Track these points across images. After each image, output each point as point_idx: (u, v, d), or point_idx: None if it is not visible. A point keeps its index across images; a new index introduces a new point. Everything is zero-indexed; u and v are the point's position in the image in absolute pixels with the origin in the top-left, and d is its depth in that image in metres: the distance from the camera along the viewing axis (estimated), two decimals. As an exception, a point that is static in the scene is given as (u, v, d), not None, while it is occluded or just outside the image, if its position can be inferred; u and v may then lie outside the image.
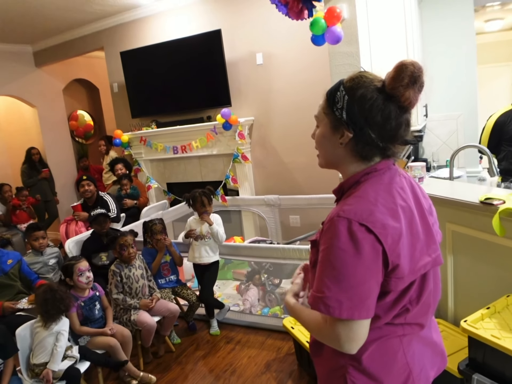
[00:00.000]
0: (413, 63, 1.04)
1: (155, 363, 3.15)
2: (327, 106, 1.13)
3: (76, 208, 4.31)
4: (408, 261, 1.04)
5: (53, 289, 2.54)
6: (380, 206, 1.03)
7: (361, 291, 1.00)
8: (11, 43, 6.41)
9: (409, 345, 1.13)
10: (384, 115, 1.05)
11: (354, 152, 1.11)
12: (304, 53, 4.37)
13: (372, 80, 1.08)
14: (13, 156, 7.29)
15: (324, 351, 1.19)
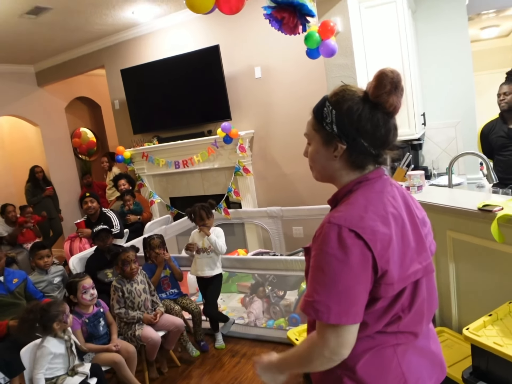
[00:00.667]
0: (392, 71, 1.09)
1: (161, 379, 3.15)
2: (316, 122, 1.16)
3: (79, 225, 4.34)
4: (398, 268, 1.05)
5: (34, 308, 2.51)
6: (370, 213, 1.06)
7: (349, 297, 1.01)
8: (13, 64, 6.51)
9: (404, 354, 1.13)
10: (373, 123, 1.09)
11: (349, 163, 1.14)
12: (301, 65, 4.42)
13: (355, 92, 1.12)
14: (17, 175, 7.36)
15: None
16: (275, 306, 3.66)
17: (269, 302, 3.72)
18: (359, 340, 1.09)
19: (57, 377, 2.48)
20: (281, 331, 3.39)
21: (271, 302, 3.70)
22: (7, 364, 2.42)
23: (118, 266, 3.15)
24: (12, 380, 2.45)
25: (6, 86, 6.49)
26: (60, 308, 2.56)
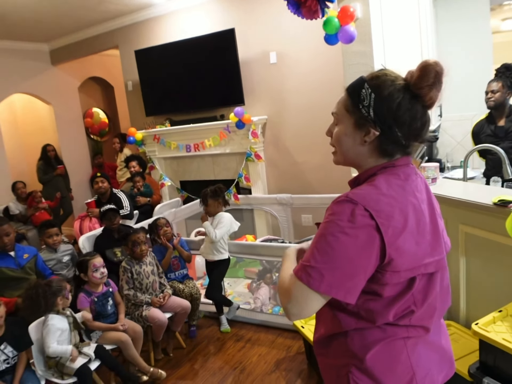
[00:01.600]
0: (437, 63, 1.05)
1: (166, 359, 3.18)
2: (351, 103, 1.12)
3: (90, 205, 4.37)
4: (407, 257, 1.04)
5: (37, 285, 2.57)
6: (389, 198, 1.04)
7: (345, 271, 0.99)
8: (27, 41, 6.50)
9: (414, 348, 1.12)
10: (411, 115, 1.07)
11: (378, 150, 1.12)
12: (318, 52, 4.36)
13: (396, 79, 1.09)
14: (29, 153, 7.40)
15: (328, 350, 1.19)
16: (281, 293, 3.66)
17: (275, 288, 3.73)
18: (370, 330, 1.10)
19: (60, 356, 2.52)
20: (287, 318, 3.39)
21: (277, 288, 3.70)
22: (16, 338, 2.45)
23: (128, 247, 3.17)
24: (20, 354, 2.47)
25: (20, 63, 6.50)
26: (62, 284, 2.62)
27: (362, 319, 1.09)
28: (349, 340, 1.11)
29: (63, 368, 2.48)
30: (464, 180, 3.11)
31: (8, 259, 3.10)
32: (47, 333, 2.48)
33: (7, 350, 2.42)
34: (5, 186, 6.23)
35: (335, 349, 1.15)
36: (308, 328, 2.78)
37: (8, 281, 3.05)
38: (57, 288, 2.56)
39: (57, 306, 2.56)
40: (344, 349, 1.13)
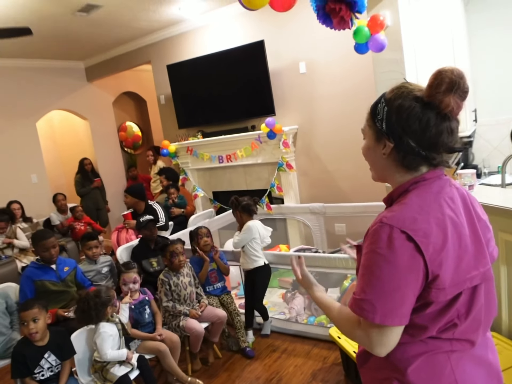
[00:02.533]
0: (453, 70, 1.03)
1: (203, 369, 3.21)
2: (370, 118, 1.16)
3: (126, 217, 4.47)
4: (451, 272, 1.02)
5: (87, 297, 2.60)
6: (424, 215, 1.03)
7: (396, 298, 1.01)
8: (65, 60, 6.77)
9: (458, 362, 1.09)
10: (422, 123, 1.05)
11: (397, 162, 1.12)
12: (347, 60, 4.36)
13: (412, 90, 1.09)
14: (67, 167, 7.65)
15: (370, 362, 1.18)
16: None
17: (310, 298, 3.71)
18: (412, 343, 1.08)
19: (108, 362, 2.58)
20: (322, 328, 3.38)
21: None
22: (59, 348, 2.53)
23: (166, 258, 3.23)
24: (64, 363, 2.55)
25: (58, 81, 6.77)
26: (111, 293, 2.68)
27: (405, 333, 1.08)
28: (391, 352, 1.10)
29: (107, 374, 2.54)
30: (502, 186, 3.04)
31: (50, 272, 3.18)
32: (101, 341, 2.54)
33: (50, 358, 2.50)
34: (46, 198, 6.49)
35: (377, 362, 1.15)
36: (344, 339, 2.75)
37: (49, 294, 3.12)
38: (107, 298, 2.61)
39: (107, 315, 2.63)
40: (385, 362, 1.12)
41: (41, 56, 6.34)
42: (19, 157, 6.28)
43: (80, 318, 2.62)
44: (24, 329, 2.46)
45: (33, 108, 6.50)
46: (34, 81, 6.47)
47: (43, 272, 3.16)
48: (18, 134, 6.28)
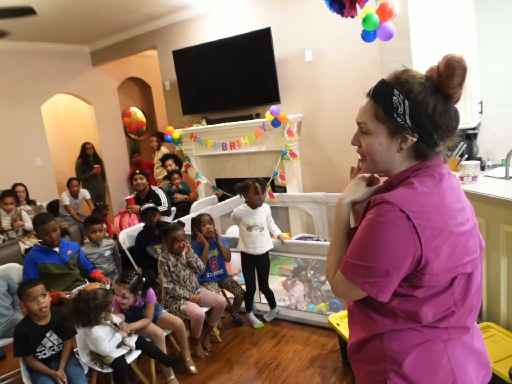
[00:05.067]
0: (460, 59, 1.02)
1: (204, 356, 3.23)
2: (383, 112, 1.07)
3: (129, 201, 4.50)
4: (445, 258, 1.02)
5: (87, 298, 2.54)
6: (427, 198, 1.03)
7: (380, 270, 1.02)
8: (70, 43, 6.74)
9: (454, 350, 1.09)
10: (447, 116, 1.05)
11: (413, 154, 1.10)
12: (354, 49, 4.33)
13: (421, 79, 1.06)
14: (71, 151, 7.67)
15: (363, 353, 1.17)
16: (316, 291, 3.68)
17: (310, 286, 3.74)
18: (408, 333, 1.08)
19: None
20: (321, 315, 3.40)
21: (312, 286, 3.72)
22: (60, 327, 2.57)
23: (166, 242, 3.25)
24: (65, 342, 2.60)
25: (63, 65, 6.75)
26: (109, 298, 2.61)
27: (399, 319, 1.08)
28: (386, 343, 1.10)
29: (103, 359, 2.57)
30: (506, 179, 3.04)
31: (53, 255, 3.21)
32: (97, 344, 2.52)
33: (52, 337, 2.55)
34: (49, 181, 6.53)
35: (371, 353, 1.13)
36: (343, 326, 2.78)
37: (52, 276, 3.15)
38: (105, 304, 2.57)
39: (101, 319, 2.58)
40: (381, 353, 1.11)
41: (47, 40, 6.31)
42: (24, 140, 6.29)
43: (77, 319, 2.51)
44: (33, 305, 2.49)
45: (38, 92, 6.49)
46: (39, 64, 6.46)
47: (46, 255, 3.19)
48: (22, 117, 6.28)
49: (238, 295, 3.52)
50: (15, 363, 2.71)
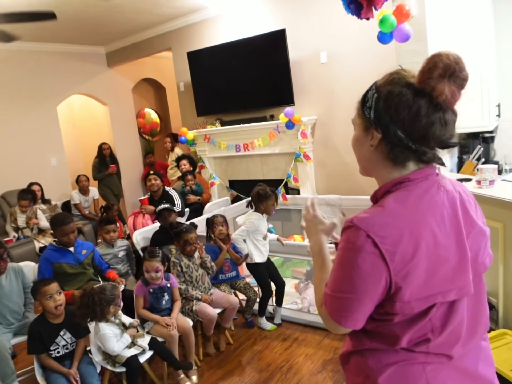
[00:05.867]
0: (449, 55, 0.93)
1: (214, 355, 3.23)
2: (359, 106, 1.08)
3: (143, 202, 4.52)
4: (419, 285, 0.95)
5: (92, 293, 2.56)
6: (398, 221, 0.96)
7: (352, 301, 0.98)
8: (86, 45, 6.82)
9: (437, 374, 1.02)
10: (412, 112, 0.96)
11: (386, 156, 1.03)
12: (369, 51, 4.30)
13: (405, 76, 1.00)
14: (85, 151, 7.75)
15: (350, 364, 1.15)
16: (329, 294, 3.64)
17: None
18: (385, 352, 1.05)
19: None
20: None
21: (325, 289, 3.68)
22: (74, 326, 2.58)
23: (179, 244, 3.25)
24: (78, 341, 2.62)
25: (79, 66, 6.82)
26: (116, 292, 2.64)
27: (374, 340, 1.05)
28: (364, 359, 1.07)
29: (116, 358, 2.58)
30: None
31: (68, 255, 3.22)
32: (105, 342, 2.54)
33: (66, 336, 2.56)
34: (65, 181, 6.60)
35: (355, 365, 1.12)
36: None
37: (67, 276, 3.17)
38: (111, 297, 2.59)
39: (109, 314, 2.60)
40: (361, 368, 1.09)
41: (63, 41, 6.39)
42: (40, 140, 6.37)
43: (84, 314, 2.54)
44: (49, 302, 2.51)
45: (54, 92, 6.57)
46: (55, 65, 6.54)
47: (61, 254, 3.20)
48: (39, 117, 6.36)
49: (251, 297, 3.51)
50: (29, 361, 2.73)
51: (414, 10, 3.14)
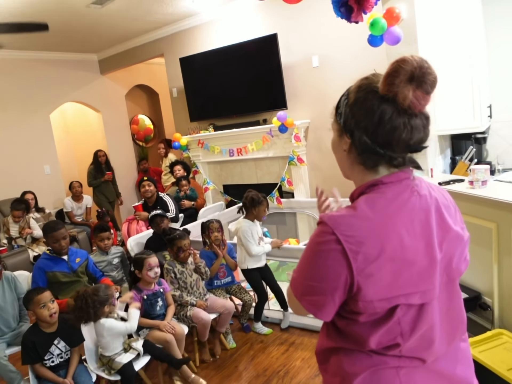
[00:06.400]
0: (416, 59, 0.93)
1: (209, 361, 3.21)
2: (334, 112, 1.10)
3: (137, 208, 4.50)
4: (382, 286, 0.96)
5: (85, 295, 2.57)
6: (366, 221, 0.97)
7: (314, 289, 1.01)
8: (79, 52, 6.82)
9: (410, 378, 1.02)
10: (375, 118, 0.97)
11: (358, 160, 1.05)
12: (360, 54, 4.32)
13: (372, 82, 1.01)
14: (79, 158, 7.72)
15: (329, 364, 1.13)
16: (325, 297, 3.64)
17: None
18: (357, 355, 1.05)
19: (115, 353, 2.62)
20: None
21: (321, 292, 3.68)
22: (68, 334, 2.57)
23: (172, 251, 3.24)
24: (73, 350, 2.59)
25: (71, 73, 6.82)
26: (109, 292, 2.65)
27: (347, 339, 1.05)
28: (339, 361, 1.07)
29: (112, 364, 2.57)
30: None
31: (62, 264, 3.20)
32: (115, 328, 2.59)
33: (60, 345, 2.54)
34: (58, 189, 6.58)
35: (333, 367, 1.11)
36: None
37: (61, 284, 3.16)
38: (105, 297, 2.60)
39: (104, 314, 2.61)
40: (337, 370, 1.09)
41: (55, 49, 6.38)
42: (33, 148, 6.35)
43: (78, 316, 2.56)
44: (43, 311, 2.49)
45: (47, 100, 6.55)
46: (48, 73, 6.52)
47: (54, 263, 3.18)
48: (32, 125, 6.34)
49: (247, 302, 3.50)
50: (23, 372, 2.70)
51: (405, 13, 3.16)
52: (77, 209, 6.10)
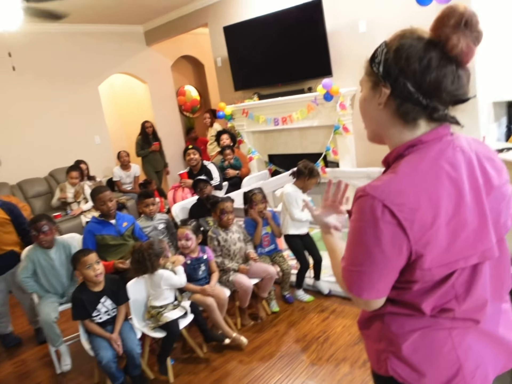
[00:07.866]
0: (466, 7, 0.88)
1: (250, 325, 3.28)
2: (368, 64, 1.01)
3: (182, 176, 4.59)
4: (441, 252, 0.92)
5: (141, 249, 2.76)
6: (414, 187, 0.91)
7: (373, 273, 0.95)
8: (124, 24, 6.91)
9: (462, 338, 1.01)
10: (422, 63, 0.90)
11: (396, 114, 0.97)
12: (410, 17, 4.07)
13: (416, 31, 0.95)
14: (127, 129, 7.93)
15: (371, 330, 1.12)
16: (368, 266, 3.60)
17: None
18: (409, 317, 1.02)
19: (166, 305, 2.76)
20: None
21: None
22: (114, 293, 2.71)
23: (216, 214, 3.29)
24: (119, 307, 2.73)
25: (118, 45, 6.94)
26: (163, 245, 2.83)
27: (397, 305, 1.02)
28: (386, 325, 1.05)
29: (160, 317, 2.69)
30: None
31: (110, 227, 3.34)
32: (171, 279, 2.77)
33: (107, 303, 2.69)
34: (108, 158, 6.80)
35: (375, 331, 1.09)
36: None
37: (109, 247, 3.30)
38: (159, 250, 2.78)
39: (160, 266, 2.79)
40: (382, 334, 1.06)
41: (102, 21, 6.50)
42: (83, 119, 6.57)
43: (136, 269, 2.77)
44: (89, 272, 2.64)
45: (96, 72, 6.72)
46: (96, 46, 6.67)
47: (103, 226, 3.32)
48: (82, 97, 6.54)
49: (285, 271, 3.49)
50: (76, 327, 2.87)
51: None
52: (126, 178, 6.31)
